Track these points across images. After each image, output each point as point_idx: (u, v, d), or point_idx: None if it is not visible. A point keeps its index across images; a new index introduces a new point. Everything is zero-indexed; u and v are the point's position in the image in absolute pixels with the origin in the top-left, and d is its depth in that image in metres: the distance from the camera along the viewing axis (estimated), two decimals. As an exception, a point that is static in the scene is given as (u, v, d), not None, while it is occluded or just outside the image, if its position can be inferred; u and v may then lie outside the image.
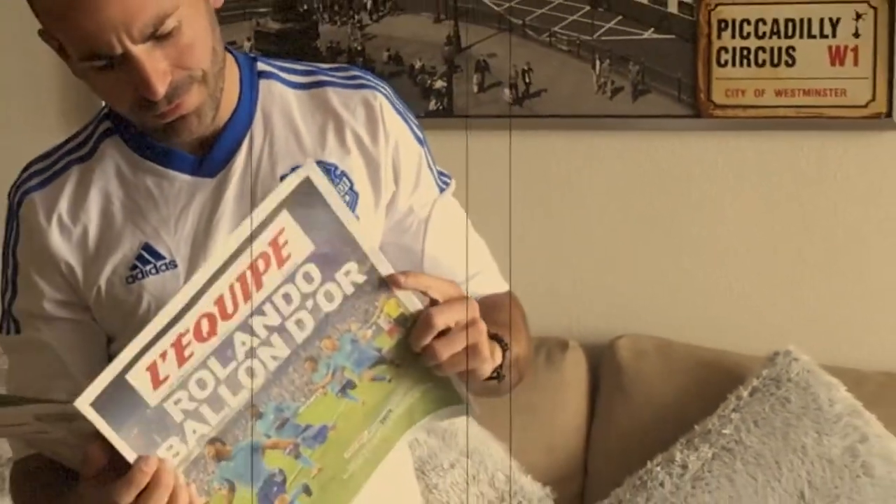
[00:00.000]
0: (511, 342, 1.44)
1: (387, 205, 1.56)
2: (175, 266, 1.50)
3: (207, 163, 1.51)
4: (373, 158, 1.54)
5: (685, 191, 2.71)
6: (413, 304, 1.35)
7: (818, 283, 2.67)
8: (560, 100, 2.72)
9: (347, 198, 1.52)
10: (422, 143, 1.59)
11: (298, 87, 1.56)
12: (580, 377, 2.70)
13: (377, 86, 1.57)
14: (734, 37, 2.62)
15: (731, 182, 2.69)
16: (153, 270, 1.51)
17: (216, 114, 1.47)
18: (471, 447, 2.61)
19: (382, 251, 1.37)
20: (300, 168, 1.34)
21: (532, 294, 1.68)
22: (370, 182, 1.54)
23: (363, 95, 1.56)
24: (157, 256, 1.51)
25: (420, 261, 1.56)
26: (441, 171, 1.63)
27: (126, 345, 1.25)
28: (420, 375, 1.38)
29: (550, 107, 2.72)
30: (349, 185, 1.53)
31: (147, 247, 1.51)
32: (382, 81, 1.60)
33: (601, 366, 2.71)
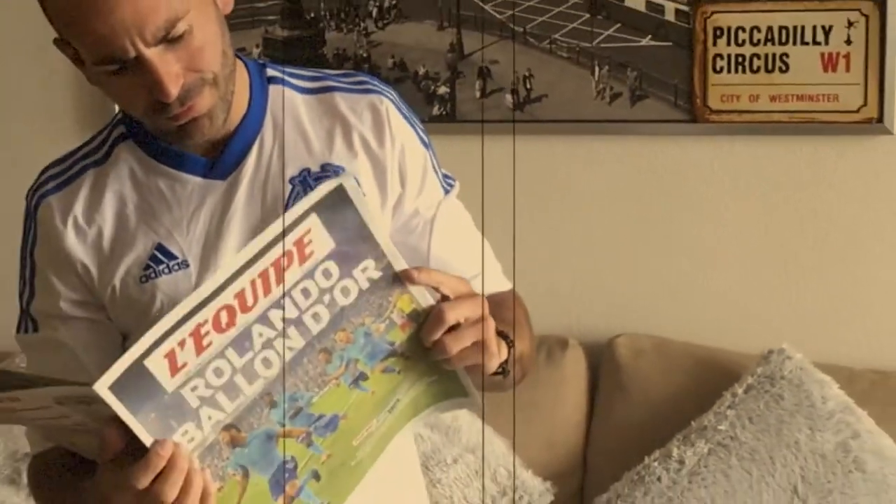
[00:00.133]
0: (515, 339, 1.44)
1: (393, 206, 1.56)
2: (187, 266, 1.51)
3: (219, 166, 1.51)
4: (379, 161, 1.54)
5: (682, 193, 2.70)
6: (425, 300, 1.35)
7: (811, 284, 2.67)
8: (560, 105, 2.72)
9: None
10: (427, 147, 1.59)
11: (307, 92, 1.56)
12: (580, 375, 2.70)
13: (383, 91, 1.57)
14: (729, 44, 2.62)
15: (727, 185, 2.69)
16: (166, 270, 1.51)
17: (227, 116, 1.48)
18: (473, 442, 2.61)
19: None
20: (336, 177, 1.34)
21: (533, 294, 1.67)
22: (377, 184, 1.54)
23: (370, 100, 1.55)
24: (170, 256, 1.51)
25: (426, 260, 1.55)
26: (446, 174, 1.63)
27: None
28: (428, 368, 1.38)
29: (551, 112, 2.72)
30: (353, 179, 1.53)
31: (160, 247, 1.51)
32: (389, 87, 1.59)
33: (600, 364, 2.71)
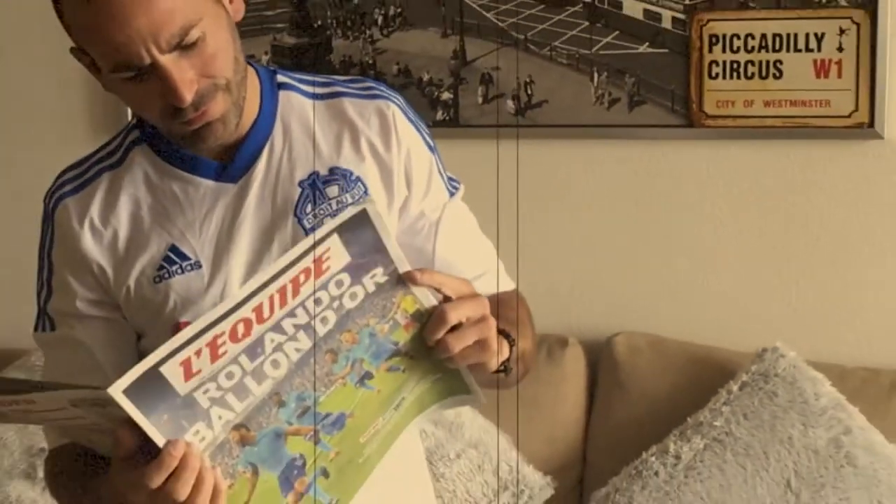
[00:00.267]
0: (518, 338, 1.44)
1: (399, 208, 1.56)
2: (200, 266, 1.51)
3: (230, 169, 1.52)
4: (386, 165, 1.54)
5: (679, 196, 2.70)
6: (428, 301, 1.35)
7: (804, 284, 2.67)
8: (560, 110, 2.72)
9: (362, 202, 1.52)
10: (432, 150, 1.59)
11: (316, 98, 1.57)
12: (579, 372, 2.70)
13: (390, 96, 1.57)
14: (724, 51, 2.62)
15: (722, 188, 2.69)
16: (179, 271, 1.51)
17: (239, 121, 1.48)
18: (476, 438, 2.61)
19: None
20: (360, 201, 1.35)
21: (533, 293, 1.67)
22: (384, 187, 1.54)
23: (377, 105, 1.56)
24: (183, 257, 1.51)
25: (431, 261, 1.55)
26: (451, 177, 1.62)
27: (157, 341, 1.25)
28: (432, 366, 1.38)
29: (551, 117, 2.72)
30: (363, 190, 1.53)
31: (173, 248, 1.51)
32: (395, 92, 1.60)
33: (599, 362, 2.71)
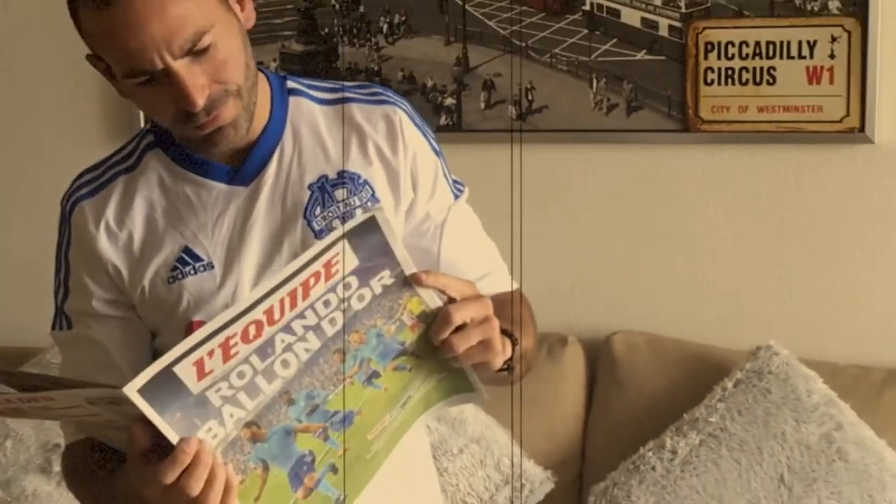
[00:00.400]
0: (520, 337, 1.44)
1: (406, 211, 1.56)
2: (212, 267, 1.51)
3: (241, 173, 1.52)
4: (393, 168, 1.54)
5: (675, 199, 2.70)
6: (434, 302, 1.35)
7: (797, 284, 2.67)
8: (560, 115, 2.72)
9: (370, 204, 1.52)
10: (438, 154, 1.59)
11: (325, 103, 1.57)
12: (578, 370, 2.69)
13: (397, 102, 1.57)
14: (719, 58, 2.62)
15: (717, 191, 2.69)
16: (192, 271, 1.51)
17: (250, 126, 1.48)
18: (478, 434, 2.61)
19: None
20: (370, 208, 1.36)
21: (534, 293, 1.67)
22: (390, 190, 1.54)
23: (384, 111, 1.56)
24: (196, 258, 1.51)
25: (436, 262, 1.56)
26: (455, 180, 1.63)
27: (171, 340, 1.26)
28: (437, 366, 1.38)
29: (551, 122, 2.72)
30: (371, 193, 1.53)
31: (187, 250, 1.52)
32: (402, 98, 1.60)
33: (598, 359, 2.71)
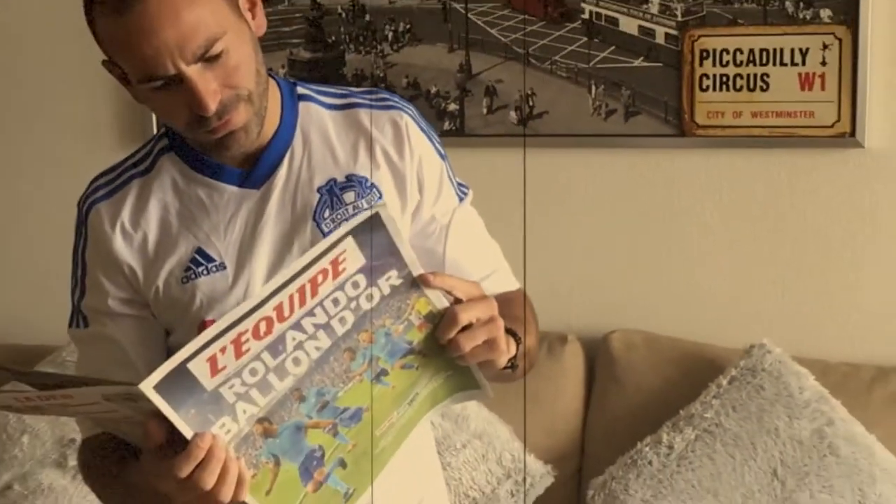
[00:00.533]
0: (524, 336, 1.44)
1: (412, 213, 1.56)
2: (224, 268, 1.51)
3: (253, 176, 1.52)
4: (399, 171, 1.54)
5: (671, 202, 2.70)
6: (441, 302, 1.35)
7: (789, 284, 2.67)
8: (560, 120, 2.72)
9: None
10: (443, 158, 1.59)
11: (333, 108, 1.57)
12: (577, 367, 2.69)
13: (403, 107, 1.57)
14: (714, 65, 2.62)
15: (712, 194, 2.69)
16: (205, 272, 1.51)
17: (261, 130, 1.48)
18: (480, 429, 2.61)
19: None
20: (374, 206, 1.35)
21: (535, 293, 1.67)
22: (397, 193, 1.54)
23: (391, 115, 1.56)
24: (209, 259, 1.52)
25: (442, 263, 1.56)
26: (460, 182, 1.63)
27: (185, 338, 1.25)
28: (444, 364, 1.38)
29: (552, 127, 2.72)
30: (378, 196, 1.53)
31: (200, 251, 1.52)
32: (408, 103, 1.59)
33: (597, 357, 2.71)
